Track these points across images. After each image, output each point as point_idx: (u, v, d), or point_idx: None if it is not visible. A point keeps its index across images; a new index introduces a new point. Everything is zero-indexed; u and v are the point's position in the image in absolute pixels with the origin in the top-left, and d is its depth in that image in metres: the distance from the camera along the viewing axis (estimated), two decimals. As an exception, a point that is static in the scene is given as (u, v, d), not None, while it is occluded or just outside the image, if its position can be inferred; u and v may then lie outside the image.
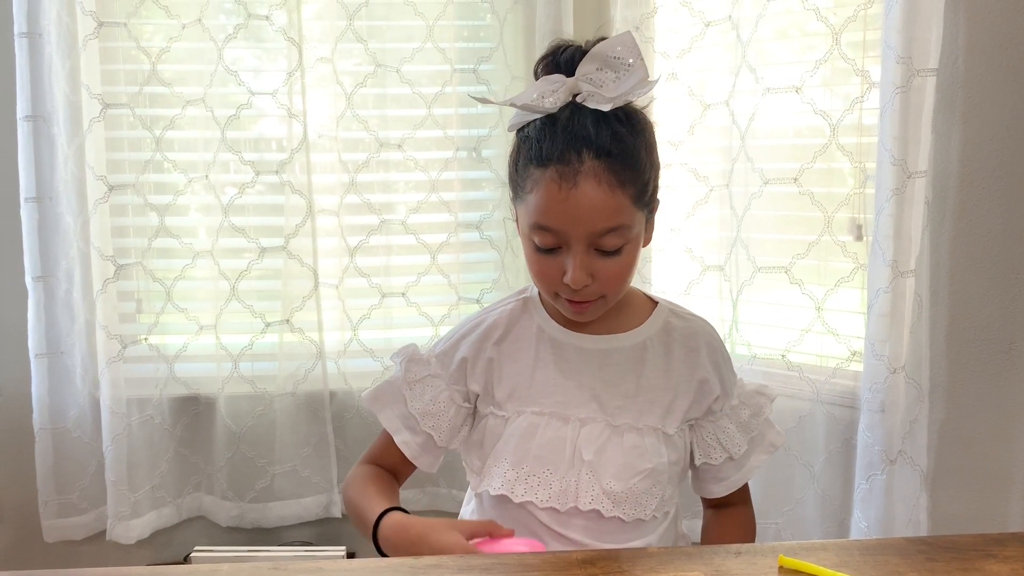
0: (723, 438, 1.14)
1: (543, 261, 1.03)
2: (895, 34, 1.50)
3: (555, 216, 0.99)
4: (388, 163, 2.08)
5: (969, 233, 1.61)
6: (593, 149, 0.98)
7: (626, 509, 1.07)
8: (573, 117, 1.00)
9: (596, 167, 0.98)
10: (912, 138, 1.51)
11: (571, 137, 0.99)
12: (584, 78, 1.01)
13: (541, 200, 1.00)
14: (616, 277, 1.04)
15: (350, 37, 2.02)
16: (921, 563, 0.92)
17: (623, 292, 1.09)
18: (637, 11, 1.93)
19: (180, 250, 2.04)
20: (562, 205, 0.98)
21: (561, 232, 1.00)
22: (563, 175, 0.98)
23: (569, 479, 1.07)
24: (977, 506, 1.64)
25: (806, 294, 1.74)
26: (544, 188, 1.00)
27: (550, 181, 0.99)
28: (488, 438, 1.13)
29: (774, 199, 1.76)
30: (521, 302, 1.16)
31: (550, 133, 1.00)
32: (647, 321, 1.14)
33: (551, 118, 1.02)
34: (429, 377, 1.15)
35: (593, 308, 1.06)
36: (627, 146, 1.00)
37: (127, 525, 2.00)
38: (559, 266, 1.02)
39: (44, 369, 1.96)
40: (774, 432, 1.18)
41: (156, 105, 2.00)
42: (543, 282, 1.06)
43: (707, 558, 0.94)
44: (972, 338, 1.62)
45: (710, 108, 1.86)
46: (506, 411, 1.12)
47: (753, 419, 1.16)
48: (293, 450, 2.06)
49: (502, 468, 1.09)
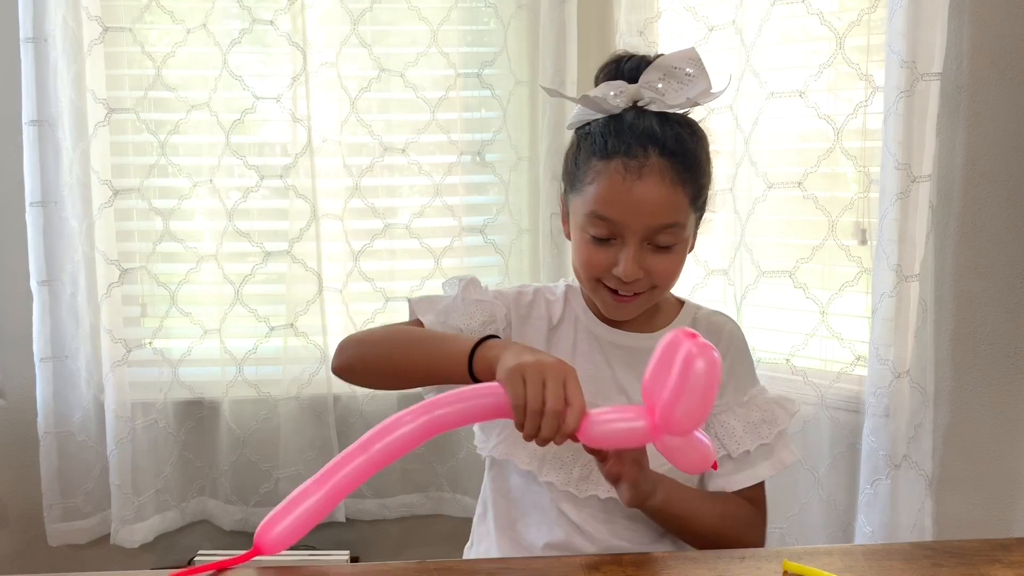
0: (722, 433, 1.10)
1: (594, 251, 1.04)
2: (899, 38, 1.50)
3: (616, 206, 1.01)
4: (392, 167, 2.08)
5: (973, 237, 1.61)
6: (659, 146, 1.01)
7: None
8: (639, 117, 1.03)
9: (661, 164, 1.01)
10: (916, 142, 1.51)
11: (638, 133, 1.02)
12: (647, 85, 1.04)
13: (604, 190, 1.02)
14: (666, 274, 1.05)
15: (354, 42, 2.02)
16: (926, 568, 0.91)
17: (668, 291, 1.10)
18: (641, 15, 1.93)
19: (184, 254, 2.04)
20: (625, 196, 1.00)
21: (619, 223, 1.01)
22: (628, 167, 1.00)
23: (589, 467, 1.07)
24: (982, 511, 1.64)
25: (810, 298, 1.74)
26: (608, 178, 1.01)
27: (614, 172, 1.01)
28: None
29: (778, 203, 1.76)
30: (567, 289, 1.17)
31: (615, 129, 1.03)
32: (675, 320, 1.15)
33: (615, 117, 1.04)
34: (487, 303, 1.11)
35: (636, 305, 1.07)
36: (689, 148, 1.03)
37: (131, 529, 2.00)
38: (610, 257, 1.03)
39: (49, 373, 1.96)
40: (787, 451, 1.13)
41: (161, 110, 2.01)
42: (590, 270, 1.05)
43: (711, 562, 0.94)
44: (977, 342, 1.62)
45: (714, 112, 1.86)
46: None
47: (764, 425, 1.12)
48: (297, 454, 2.06)
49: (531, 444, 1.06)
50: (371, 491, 2.12)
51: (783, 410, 1.13)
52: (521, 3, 2.04)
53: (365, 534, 2.14)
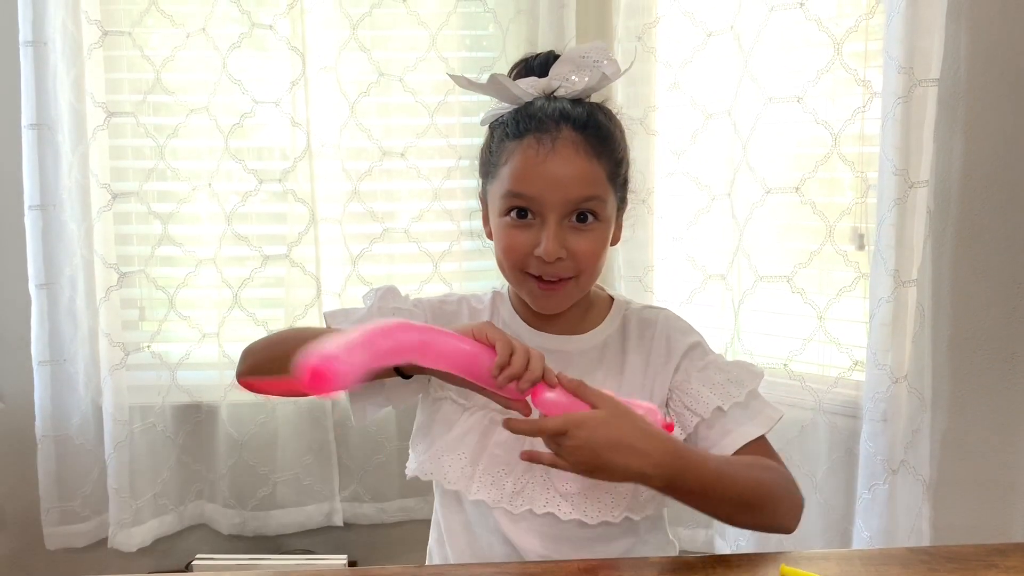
0: (688, 400, 1.05)
1: (514, 234, 1.01)
2: (897, 44, 1.50)
3: (532, 181, 0.99)
4: (391, 172, 2.08)
5: (971, 242, 1.61)
6: (571, 121, 1.00)
7: (587, 511, 1.03)
8: (550, 101, 1.03)
9: (574, 137, 1.00)
10: (914, 148, 1.51)
11: (548, 112, 1.01)
12: (558, 76, 1.04)
13: (517, 166, 1.00)
14: (588, 255, 1.01)
15: (353, 46, 2.02)
16: (923, 573, 0.91)
17: (594, 278, 1.06)
18: (639, 21, 1.94)
19: (183, 258, 2.04)
20: (540, 169, 0.99)
21: (536, 198, 0.99)
22: (541, 141, 0.99)
23: (523, 481, 1.04)
24: (979, 516, 1.64)
25: (808, 303, 1.74)
26: (521, 154, 1.00)
27: (527, 147, 1.00)
28: (439, 423, 1.09)
29: (776, 208, 1.76)
30: (493, 295, 1.15)
31: (527, 113, 1.02)
32: (606, 319, 1.12)
33: (527, 104, 1.04)
34: (405, 311, 1.09)
35: (563, 294, 1.03)
36: (602, 123, 1.02)
37: (129, 533, 2.00)
38: (530, 239, 1.00)
39: (47, 376, 1.96)
40: (769, 407, 1.06)
41: (160, 114, 2.01)
42: (512, 255, 1.02)
43: (709, 568, 0.94)
44: (974, 347, 1.62)
45: (712, 117, 1.87)
46: (466, 401, 1.07)
47: (731, 385, 1.06)
48: (295, 458, 2.06)
49: (459, 462, 1.06)
50: (369, 495, 2.12)
51: (746, 372, 1.08)
52: (520, 8, 2.04)
53: (363, 538, 2.14)
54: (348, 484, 2.11)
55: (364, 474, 2.11)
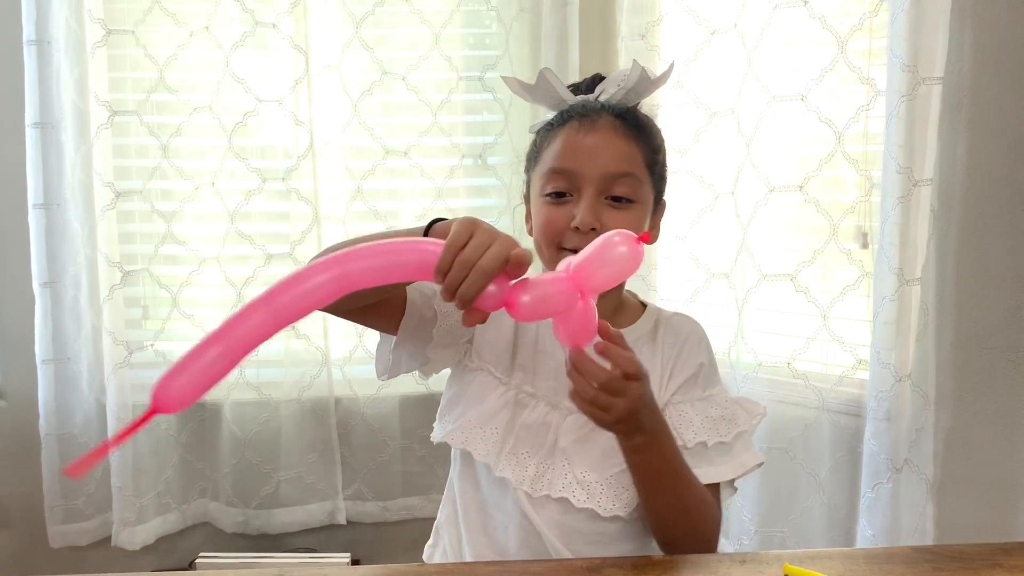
0: (679, 422, 1.07)
1: (552, 210, 1.06)
2: (901, 42, 1.50)
3: (571, 156, 1.05)
4: (394, 170, 2.08)
5: (975, 241, 1.61)
6: (612, 111, 1.07)
7: (602, 502, 1.04)
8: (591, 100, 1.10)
9: (613, 121, 1.06)
10: (918, 146, 1.51)
11: (591, 103, 1.09)
12: (603, 91, 1.11)
13: (559, 145, 1.06)
14: None
15: (356, 45, 2.03)
16: (927, 572, 0.91)
17: None
18: (643, 19, 1.94)
19: (186, 257, 2.04)
20: (579, 145, 1.05)
21: (575, 172, 1.04)
22: (582, 123, 1.06)
23: (545, 465, 1.06)
24: (983, 515, 1.64)
25: (812, 302, 1.74)
26: (563, 135, 1.07)
27: (569, 129, 1.07)
28: (472, 394, 1.10)
29: (780, 207, 1.76)
30: None
31: (568, 109, 1.10)
32: (639, 321, 1.14)
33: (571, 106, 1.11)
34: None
35: None
36: (641, 115, 1.10)
37: (132, 531, 2.00)
38: (567, 213, 1.04)
39: (51, 375, 1.97)
40: (749, 452, 1.09)
41: (163, 112, 2.02)
42: (549, 230, 1.05)
43: (712, 566, 0.94)
44: (978, 346, 1.62)
45: (716, 116, 1.87)
46: (503, 375, 1.10)
47: (723, 423, 1.09)
48: (298, 456, 2.06)
49: (491, 436, 1.07)
50: (372, 494, 2.12)
51: (744, 411, 1.11)
52: (523, 6, 2.04)
53: (366, 537, 2.14)
54: (351, 483, 2.11)
55: (367, 472, 2.11)
